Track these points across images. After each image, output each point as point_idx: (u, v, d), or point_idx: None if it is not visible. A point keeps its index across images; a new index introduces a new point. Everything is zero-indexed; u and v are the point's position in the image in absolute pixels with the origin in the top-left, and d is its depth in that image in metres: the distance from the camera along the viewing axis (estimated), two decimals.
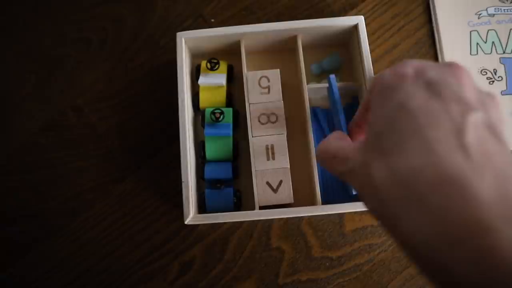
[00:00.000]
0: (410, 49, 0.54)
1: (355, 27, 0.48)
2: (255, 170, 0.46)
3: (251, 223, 0.49)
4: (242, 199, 0.48)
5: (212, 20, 0.56)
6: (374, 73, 0.47)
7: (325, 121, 0.50)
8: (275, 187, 0.45)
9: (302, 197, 0.47)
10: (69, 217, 0.50)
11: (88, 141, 0.53)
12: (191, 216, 0.44)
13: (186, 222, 0.43)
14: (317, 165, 0.46)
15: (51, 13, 0.57)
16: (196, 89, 0.50)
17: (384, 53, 0.54)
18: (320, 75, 0.52)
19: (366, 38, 0.47)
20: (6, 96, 0.55)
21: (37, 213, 0.51)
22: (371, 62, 0.47)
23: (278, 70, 0.48)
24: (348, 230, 0.49)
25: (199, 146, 0.48)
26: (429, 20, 0.55)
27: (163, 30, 0.56)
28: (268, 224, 0.49)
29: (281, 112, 0.46)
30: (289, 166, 0.46)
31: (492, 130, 0.24)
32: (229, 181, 0.48)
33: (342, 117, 0.42)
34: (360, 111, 0.37)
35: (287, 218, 0.49)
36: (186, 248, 0.49)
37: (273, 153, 0.46)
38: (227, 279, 0.48)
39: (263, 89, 0.47)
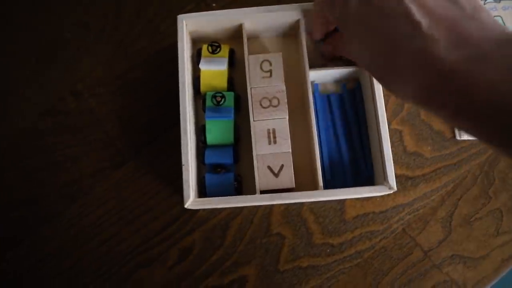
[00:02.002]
0: None
1: None
2: (256, 154, 0.45)
3: (252, 208, 0.49)
4: (242, 184, 0.48)
5: (214, 5, 0.55)
6: None
7: (338, 107, 0.49)
8: (276, 172, 0.45)
9: (304, 182, 0.47)
10: (68, 203, 0.50)
11: (87, 126, 0.52)
12: (191, 200, 0.43)
13: (186, 206, 0.43)
14: (319, 150, 0.45)
15: None
16: (197, 73, 0.49)
17: None
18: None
19: None
20: (5, 82, 0.54)
21: (36, 199, 0.50)
22: None
23: (281, 53, 0.47)
24: (349, 216, 0.48)
25: (200, 130, 0.48)
26: None
27: (163, 15, 0.55)
28: (268, 210, 0.49)
29: (283, 96, 0.46)
30: (290, 151, 0.45)
31: None
32: (230, 165, 0.48)
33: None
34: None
35: (288, 204, 0.49)
36: (186, 234, 0.48)
37: (274, 137, 0.45)
38: (227, 265, 0.48)
39: (265, 73, 0.47)
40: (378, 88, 0.45)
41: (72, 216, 0.50)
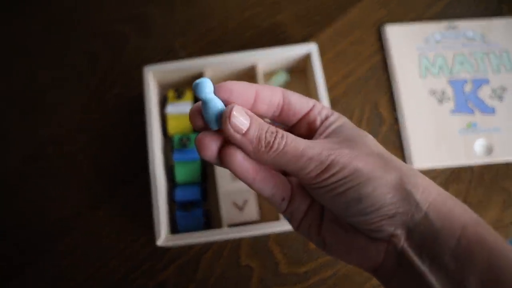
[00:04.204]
0: (365, 74, 0.58)
1: (309, 54, 0.52)
2: (221, 191, 0.48)
3: (221, 242, 0.51)
4: (211, 219, 0.51)
5: (182, 53, 0.59)
6: (329, 97, 0.51)
7: None
8: (241, 206, 0.48)
9: (267, 215, 0.50)
10: (48, 244, 0.52)
11: (66, 171, 0.55)
12: (163, 238, 0.46)
13: (157, 244, 0.45)
14: None
15: (29, 49, 0.61)
16: (165, 117, 0.53)
17: (342, 79, 0.58)
18: None
19: (319, 62, 0.51)
20: None
21: (18, 240, 0.53)
22: (324, 84, 0.50)
23: None
24: (312, 246, 0.51)
25: (170, 170, 0.51)
26: (382, 47, 0.59)
27: (136, 65, 0.59)
28: (237, 243, 0.51)
29: None
30: None
31: None
32: (199, 202, 0.51)
33: None
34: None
35: (255, 237, 0.51)
36: (160, 270, 0.51)
37: None
38: None
39: None
40: None
41: (54, 256, 0.52)
